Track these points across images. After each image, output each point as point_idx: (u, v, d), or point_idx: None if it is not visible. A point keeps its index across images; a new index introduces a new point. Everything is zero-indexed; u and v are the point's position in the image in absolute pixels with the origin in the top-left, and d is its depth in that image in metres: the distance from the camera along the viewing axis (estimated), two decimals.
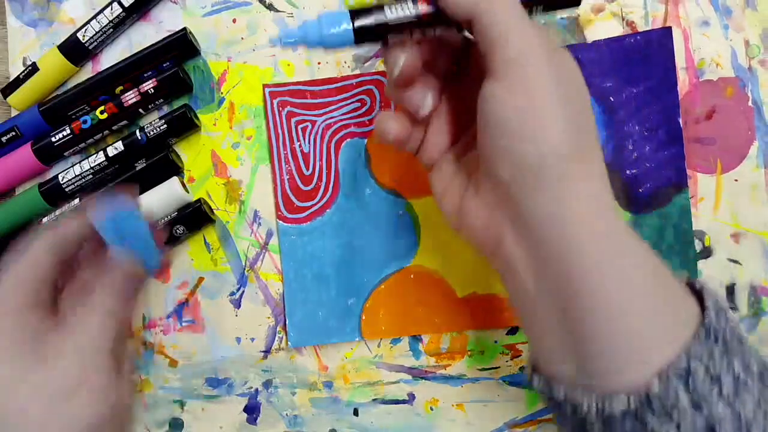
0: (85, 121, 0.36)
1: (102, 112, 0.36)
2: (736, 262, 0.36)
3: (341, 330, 0.37)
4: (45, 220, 0.36)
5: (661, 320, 0.23)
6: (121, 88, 0.36)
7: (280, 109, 0.37)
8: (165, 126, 0.36)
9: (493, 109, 0.24)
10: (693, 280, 0.25)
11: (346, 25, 0.24)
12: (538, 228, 0.24)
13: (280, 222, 0.37)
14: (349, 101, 0.37)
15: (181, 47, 0.36)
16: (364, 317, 0.37)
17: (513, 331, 0.37)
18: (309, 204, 0.37)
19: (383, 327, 0.37)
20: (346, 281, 0.37)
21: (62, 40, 0.37)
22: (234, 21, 0.37)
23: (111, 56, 0.38)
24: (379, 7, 0.25)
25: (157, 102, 0.36)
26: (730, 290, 0.36)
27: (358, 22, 0.24)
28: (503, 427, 0.37)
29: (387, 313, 0.37)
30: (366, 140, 0.37)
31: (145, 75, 0.36)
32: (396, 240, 0.37)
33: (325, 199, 0.37)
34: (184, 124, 0.36)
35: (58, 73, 0.37)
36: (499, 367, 0.37)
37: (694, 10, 0.35)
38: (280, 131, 0.37)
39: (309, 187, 0.37)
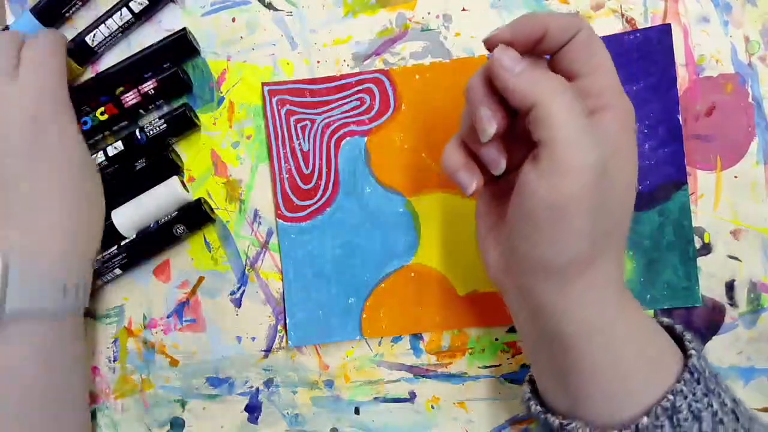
0: (85, 122, 0.36)
1: (102, 113, 0.36)
2: (735, 258, 0.36)
3: (342, 329, 0.37)
4: None
5: (649, 368, 0.26)
6: (121, 89, 0.36)
7: (279, 107, 0.37)
8: (165, 125, 0.36)
9: (525, 198, 0.24)
10: (673, 325, 0.28)
11: None
12: (539, 308, 0.26)
13: (280, 221, 0.37)
14: (348, 100, 0.37)
15: (180, 47, 0.36)
16: (364, 316, 0.37)
17: (514, 329, 0.37)
18: (309, 203, 0.37)
19: (384, 325, 0.37)
20: (347, 280, 0.37)
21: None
22: (233, 20, 0.37)
23: (110, 56, 0.38)
24: None
25: (157, 102, 0.36)
26: (730, 287, 0.36)
27: None
28: (505, 424, 0.37)
29: (388, 311, 0.37)
30: (365, 138, 0.37)
31: (145, 75, 0.36)
32: (396, 238, 0.37)
33: (324, 198, 0.37)
34: (184, 124, 0.36)
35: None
36: (500, 364, 0.37)
37: (693, 7, 0.35)
38: (279, 130, 0.37)
39: (309, 186, 0.37)
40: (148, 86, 0.36)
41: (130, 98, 0.36)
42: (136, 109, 0.36)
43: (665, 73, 0.35)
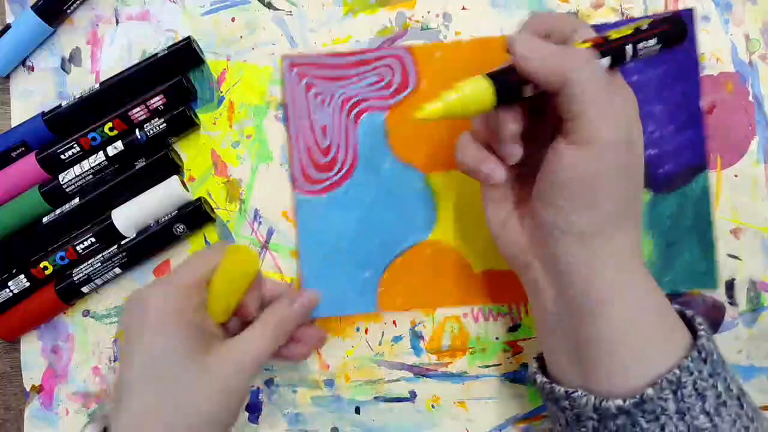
0: (94, 138, 0.36)
1: (111, 129, 0.36)
2: (735, 257, 0.36)
3: (357, 302, 0.37)
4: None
5: (661, 341, 0.27)
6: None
7: (299, 80, 0.37)
8: (164, 125, 0.36)
9: (560, 171, 0.26)
10: (685, 311, 0.29)
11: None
12: (566, 273, 0.28)
13: (297, 193, 0.37)
14: (368, 75, 0.36)
15: (186, 56, 0.36)
16: (380, 290, 0.36)
17: (514, 328, 0.37)
18: (326, 175, 0.37)
19: (399, 300, 0.37)
20: (363, 254, 0.37)
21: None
22: (233, 20, 0.37)
23: (110, 56, 0.38)
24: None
25: (162, 113, 0.36)
26: (730, 285, 0.36)
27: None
28: (505, 423, 0.37)
29: (403, 286, 0.36)
30: (385, 114, 0.36)
31: (150, 87, 0.36)
32: (413, 214, 0.36)
33: (342, 172, 0.37)
34: (184, 123, 0.36)
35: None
36: (500, 364, 0.37)
37: (693, 5, 0.35)
38: (297, 102, 0.37)
39: (326, 159, 0.37)
40: (157, 102, 0.36)
41: (138, 113, 0.36)
42: (144, 121, 0.36)
43: (687, 58, 0.35)
